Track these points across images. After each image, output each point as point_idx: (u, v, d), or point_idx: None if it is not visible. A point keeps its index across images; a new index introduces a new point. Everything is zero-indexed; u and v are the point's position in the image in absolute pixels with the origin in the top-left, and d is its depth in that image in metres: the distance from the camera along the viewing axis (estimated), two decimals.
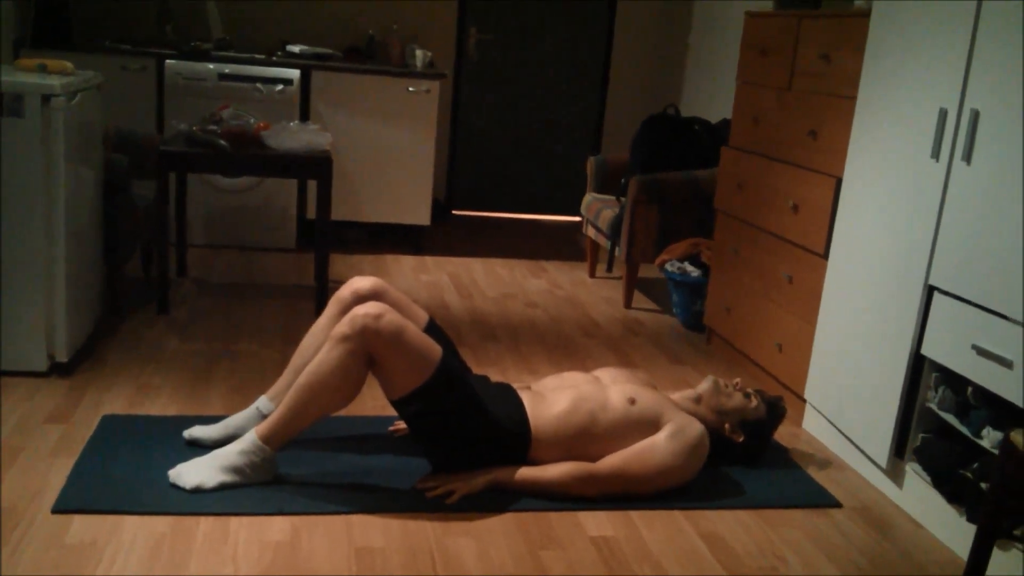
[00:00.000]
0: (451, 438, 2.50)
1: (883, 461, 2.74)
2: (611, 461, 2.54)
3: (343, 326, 2.35)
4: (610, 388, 2.68)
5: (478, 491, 2.48)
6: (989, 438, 2.41)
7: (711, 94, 5.58)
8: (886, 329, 2.75)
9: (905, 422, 2.70)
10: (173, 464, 2.48)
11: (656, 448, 2.56)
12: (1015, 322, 2.27)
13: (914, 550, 2.48)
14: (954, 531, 2.50)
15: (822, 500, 2.71)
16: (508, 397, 2.61)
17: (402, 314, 2.63)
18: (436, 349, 2.44)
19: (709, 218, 4.38)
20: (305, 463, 2.59)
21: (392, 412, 2.99)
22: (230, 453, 2.41)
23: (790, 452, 3.04)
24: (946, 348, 2.50)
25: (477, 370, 3.47)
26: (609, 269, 4.87)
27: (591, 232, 4.96)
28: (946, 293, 2.53)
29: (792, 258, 3.36)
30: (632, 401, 2.62)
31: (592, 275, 5.13)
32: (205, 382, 3.15)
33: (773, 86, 3.57)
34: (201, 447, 2.60)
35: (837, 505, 2.70)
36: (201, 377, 3.19)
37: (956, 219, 2.48)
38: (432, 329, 2.68)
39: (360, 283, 2.68)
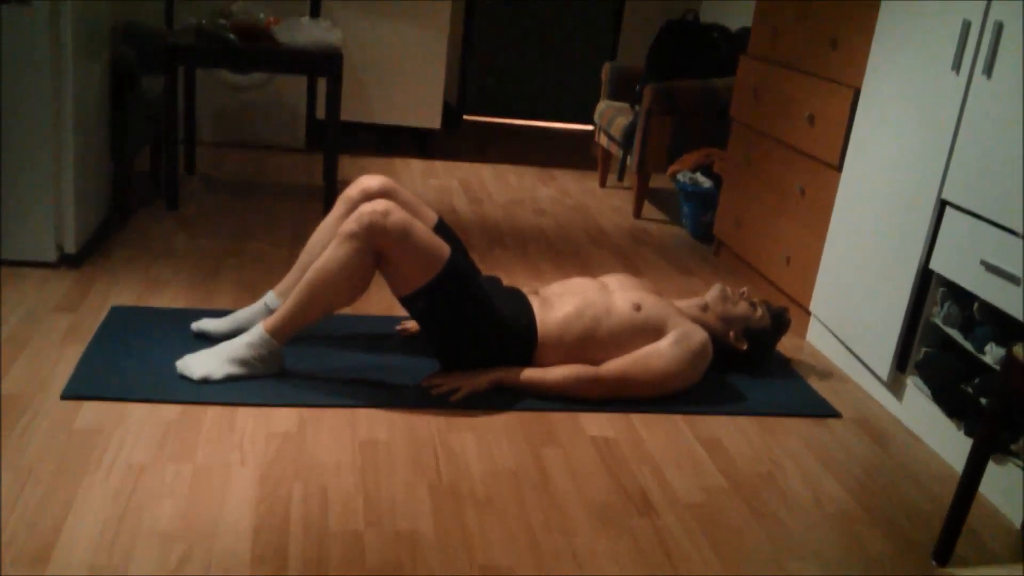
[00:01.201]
0: (458, 335, 2.51)
1: (884, 374, 2.76)
2: (614, 365, 2.56)
3: (350, 223, 2.35)
4: (616, 294, 2.68)
5: (482, 390, 2.51)
6: (992, 354, 2.41)
7: (732, 1, 5.45)
8: (895, 242, 2.74)
9: (908, 336, 2.71)
10: (181, 355, 2.51)
11: (659, 353, 2.58)
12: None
13: (911, 462, 2.52)
14: (952, 445, 2.53)
15: (822, 410, 2.74)
16: (517, 299, 2.62)
17: (411, 213, 2.62)
18: (444, 247, 2.44)
19: (724, 128, 4.33)
20: (312, 358, 2.62)
21: (399, 312, 3.01)
22: (238, 345, 2.43)
23: (793, 363, 3.05)
24: (954, 263, 2.49)
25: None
26: (620, 178, 4.83)
27: (604, 140, 4.90)
28: (958, 208, 2.50)
29: (806, 170, 3.33)
30: (637, 307, 2.63)
31: (603, 184, 5.09)
32: (213, 278, 3.17)
33: None
34: (209, 339, 2.63)
35: (836, 415, 2.72)
36: (209, 273, 3.20)
37: (973, 134, 2.43)
38: (441, 229, 2.68)
39: (368, 182, 2.67)
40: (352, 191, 2.67)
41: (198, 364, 2.42)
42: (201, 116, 4.86)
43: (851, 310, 2.95)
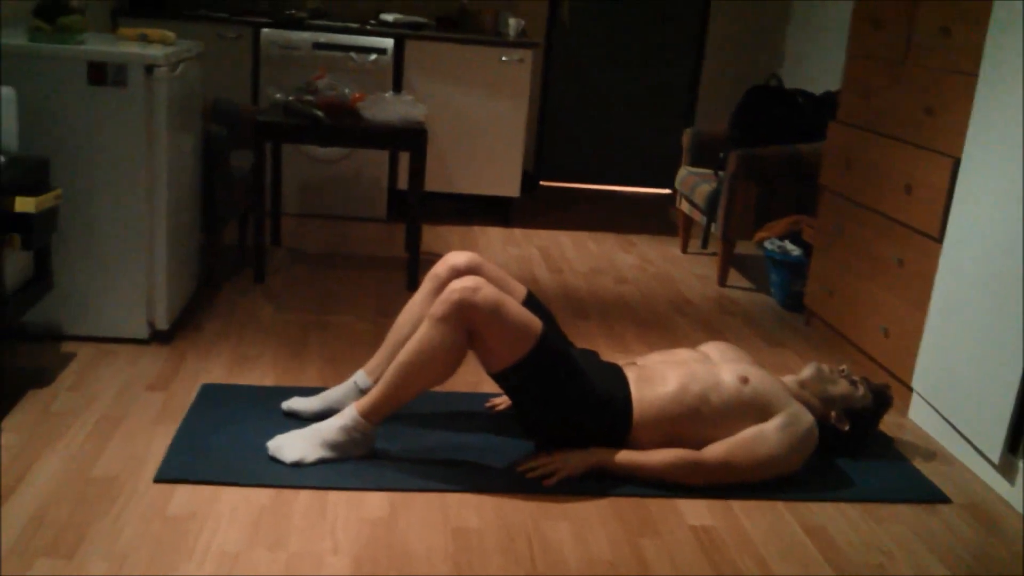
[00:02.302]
0: (551, 412, 2.46)
1: (995, 456, 2.62)
2: (717, 450, 2.47)
3: (441, 304, 2.33)
4: (721, 366, 2.60)
5: (578, 474, 2.44)
6: None
7: (813, 64, 5.39)
8: (1006, 320, 2.61)
9: (1020, 416, 2.57)
10: (271, 435, 2.49)
11: (765, 439, 2.48)
12: None
13: None
14: None
15: (930, 495, 2.60)
16: (613, 374, 2.56)
17: (499, 288, 2.59)
18: (535, 322, 2.40)
19: (810, 195, 4.23)
20: (401, 438, 2.58)
21: (488, 388, 2.97)
22: (331, 428, 2.41)
23: (895, 443, 2.92)
24: None
25: None
26: (704, 245, 4.77)
27: (685, 207, 4.85)
28: None
29: (902, 240, 3.22)
30: (745, 381, 2.54)
31: (684, 251, 5.02)
32: (300, 353, 3.17)
33: (887, 59, 3.41)
34: (299, 419, 2.61)
35: (946, 500, 2.59)
36: (296, 347, 3.21)
37: None
38: (531, 303, 2.64)
39: (456, 258, 2.65)
40: (439, 268, 2.66)
41: (290, 447, 2.40)
42: (286, 189, 4.94)
43: (957, 388, 2.82)
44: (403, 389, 2.37)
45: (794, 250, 4.12)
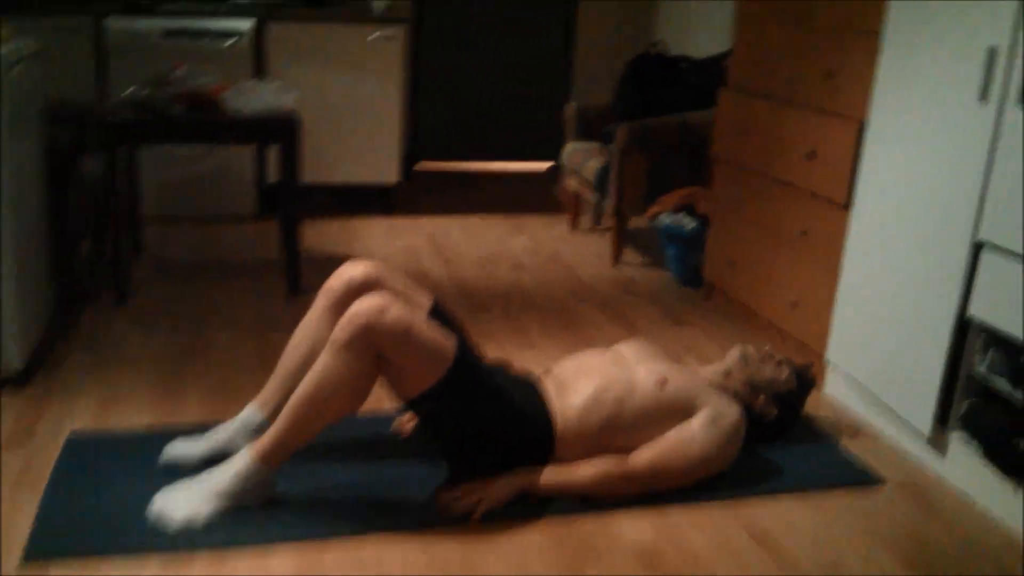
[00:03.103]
0: (470, 436, 2.25)
1: (925, 429, 2.55)
2: (646, 456, 2.31)
3: (344, 329, 2.07)
4: (637, 368, 2.44)
5: (504, 502, 2.24)
6: None
7: (698, 28, 5.28)
8: (925, 287, 2.54)
9: (948, 387, 2.50)
10: (155, 488, 2.19)
11: (694, 438, 2.33)
12: None
13: (971, 531, 2.30)
14: (1010, 506, 2.32)
15: (864, 477, 2.52)
16: (529, 389, 2.36)
17: (405, 301, 2.34)
18: (450, 341, 2.17)
19: (703, 165, 4.12)
20: (303, 477, 2.32)
21: (391, 407, 2.73)
22: (223, 477, 2.13)
23: (816, 421, 2.84)
24: (1000, 310, 2.29)
25: None
26: (597, 223, 4.62)
27: (573, 183, 4.68)
28: (1000, 249, 2.31)
29: (807, 209, 3.13)
30: (663, 383, 2.39)
31: (574, 228, 4.86)
32: (178, 384, 2.85)
33: (781, 21, 3.29)
34: (186, 465, 2.32)
35: (880, 481, 2.51)
36: (172, 378, 2.89)
37: (1011, 168, 2.24)
38: (439, 313, 2.41)
39: (353, 270, 2.39)
40: (335, 283, 2.39)
41: (178, 503, 2.11)
42: (144, 191, 4.52)
43: (878, 359, 2.74)
44: (305, 427, 2.11)
45: (690, 223, 4.00)
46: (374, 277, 2.37)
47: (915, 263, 2.58)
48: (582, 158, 4.45)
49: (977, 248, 2.37)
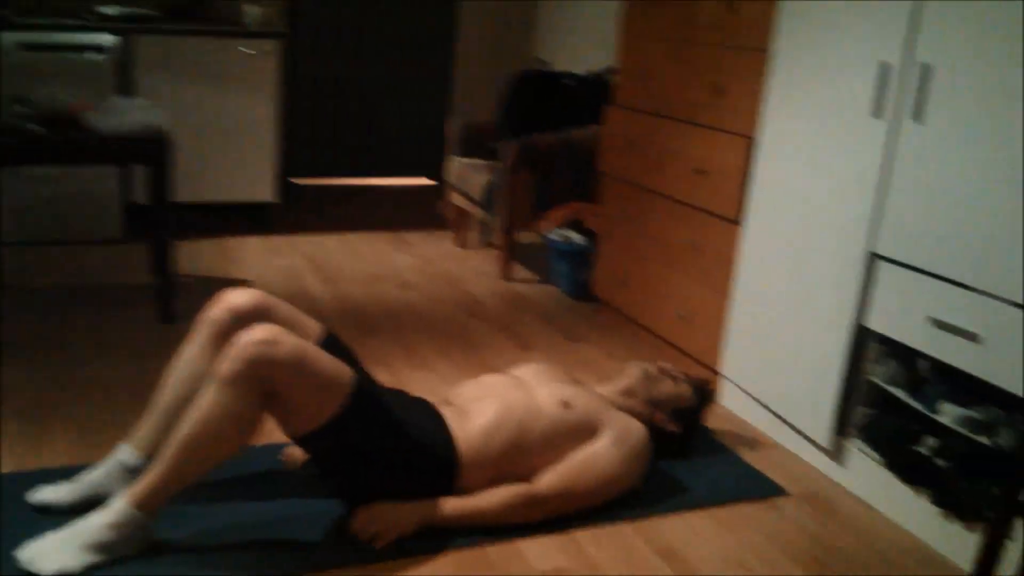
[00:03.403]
0: (370, 472, 2.12)
1: (824, 440, 2.56)
2: (553, 481, 2.23)
3: (231, 362, 1.91)
4: (538, 391, 2.37)
5: (408, 533, 2.12)
6: (949, 414, 2.25)
7: (572, 44, 5.29)
8: (820, 300, 2.56)
9: (845, 398, 2.52)
10: (20, 540, 1.98)
11: (599, 459, 2.27)
12: (979, 292, 2.10)
13: (875, 539, 2.32)
14: (910, 512, 2.35)
15: (766, 489, 2.51)
16: (428, 415, 2.25)
17: (294, 331, 2.20)
18: (345, 371, 2.05)
19: (587, 180, 4.11)
20: (186, 520, 2.14)
21: (278, 437, 2.57)
22: (96, 527, 1.94)
23: (714, 434, 2.83)
24: (896, 321, 2.32)
25: None
26: (485, 240, 4.54)
27: (459, 200, 4.59)
28: (893, 262, 2.34)
29: (697, 224, 3.13)
30: (565, 405, 2.32)
31: (461, 245, 4.78)
32: (42, 423, 2.61)
33: (667, 39, 3.29)
34: (54, 514, 2.11)
35: (783, 493, 2.50)
36: (36, 416, 2.65)
37: (905, 182, 2.28)
38: (330, 343, 2.27)
39: (237, 298, 2.23)
40: (217, 312, 2.22)
41: (47, 557, 1.91)
42: (1, 215, 4.20)
43: (773, 372, 2.75)
44: (186, 470, 1.94)
45: (578, 239, 3.97)
46: (260, 305, 2.22)
47: (809, 276, 2.60)
48: (467, 175, 4.37)
49: (871, 260, 2.40)
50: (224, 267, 4.16)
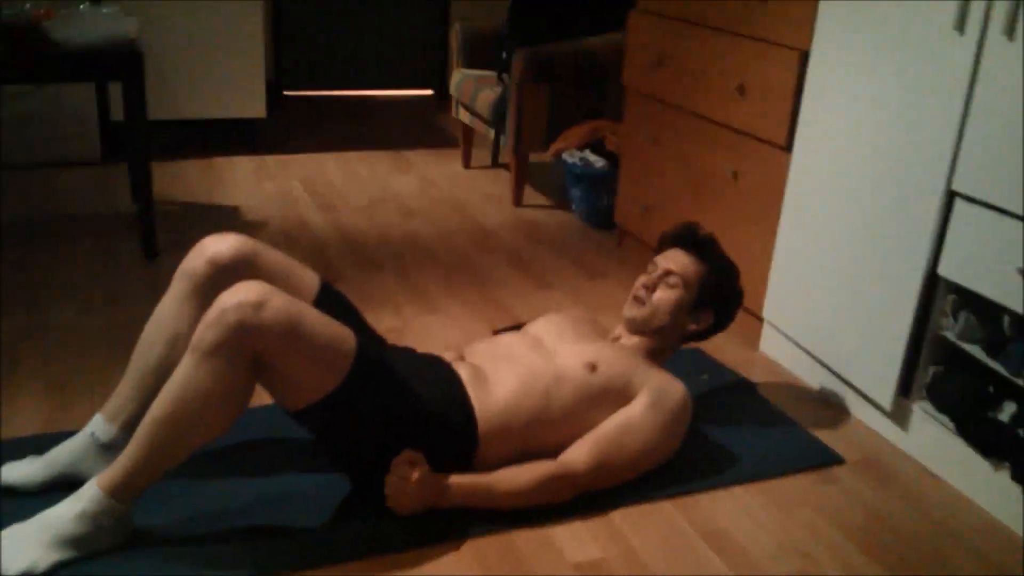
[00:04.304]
0: (378, 448, 1.84)
1: (886, 401, 2.28)
2: (585, 456, 1.95)
3: (209, 330, 1.62)
4: (560, 353, 2.07)
5: (418, 511, 1.84)
6: None
7: None
8: (884, 242, 2.25)
9: (912, 354, 2.24)
10: None
11: (636, 426, 2.00)
12: None
13: (945, 515, 2.06)
14: (984, 485, 2.08)
15: (822, 457, 2.24)
16: (444, 378, 1.96)
17: (285, 286, 1.90)
18: (347, 335, 1.75)
19: (611, 96, 3.75)
20: (169, 501, 1.88)
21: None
22: (67, 517, 1.66)
23: (759, 388, 2.55)
24: (977, 270, 2.02)
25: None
26: (494, 163, 4.20)
27: (465, 116, 4.23)
28: (976, 201, 2.02)
29: (738, 150, 2.80)
30: (592, 367, 2.03)
31: (467, 165, 4.43)
32: (9, 379, 2.33)
33: None
34: (22, 494, 1.84)
35: (839, 461, 2.24)
36: (3, 371, 2.36)
37: (993, 109, 1.94)
38: (327, 297, 1.97)
39: (217, 245, 1.91)
40: (195, 262, 1.91)
41: (13, 552, 1.64)
42: None
43: (825, 322, 2.46)
44: (165, 453, 1.67)
45: (597, 161, 3.64)
46: (245, 255, 1.90)
47: (873, 214, 2.28)
48: (474, 89, 4.00)
49: (950, 199, 2.09)
50: (211, 192, 3.83)
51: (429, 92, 5.92)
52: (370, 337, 2.02)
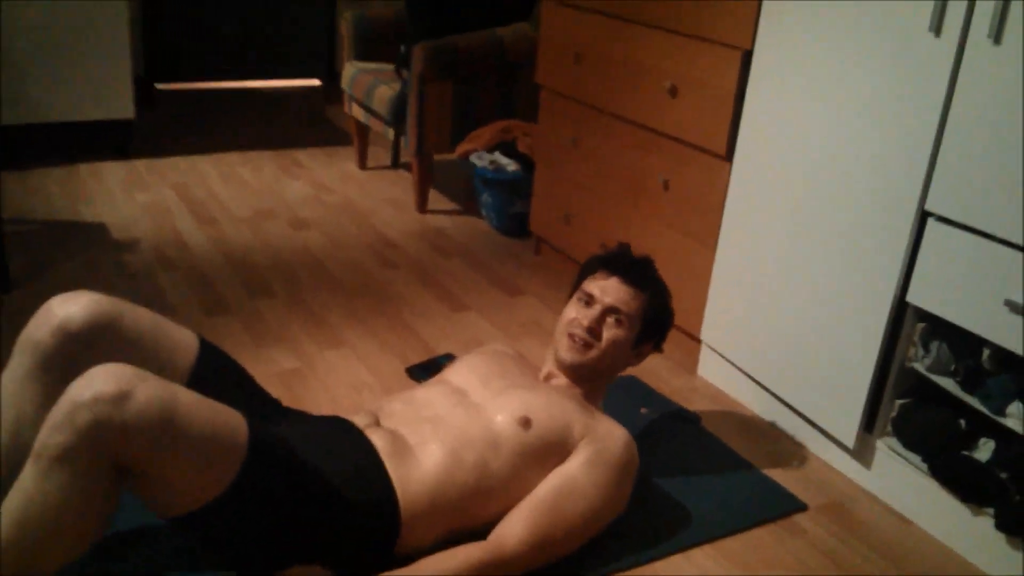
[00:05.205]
0: (279, 546, 1.51)
1: (848, 438, 2.07)
2: (521, 534, 1.66)
3: (58, 432, 1.26)
4: (489, 408, 1.78)
5: None
6: (1018, 416, 1.78)
7: None
8: (845, 266, 2.03)
9: (877, 387, 2.02)
10: None
11: (576, 488, 1.72)
12: None
13: (924, 568, 1.85)
14: (960, 530, 1.89)
15: (784, 505, 2.01)
16: (358, 454, 1.64)
17: (155, 356, 1.55)
18: (235, 423, 1.41)
19: (519, 93, 3.45)
20: None
21: None
22: None
23: (704, 420, 2.31)
24: (951, 298, 1.81)
25: (255, 364, 2.43)
26: (394, 165, 3.86)
27: (359, 113, 3.87)
28: (951, 223, 1.81)
29: (670, 157, 2.54)
30: (526, 423, 1.75)
31: (363, 166, 4.08)
32: None
33: None
34: None
35: (802, 508, 2.01)
36: None
37: (974, 119, 1.73)
38: (206, 363, 1.62)
39: (67, 309, 1.53)
40: (40, 331, 1.52)
41: None
42: None
43: (776, 348, 2.24)
44: None
45: (509, 164, 3.34)
46: (103, 319, 1.53)
47: (833, 233, 2.05)
48: (369, 84, 3.65)
49: (922, 219, 1.87)
50: (75, 206, 3.38)
51: (316, 83, 5.51)
52: (263, 407, 1.69)
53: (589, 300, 1.92)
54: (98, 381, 1.28)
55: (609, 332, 1.88)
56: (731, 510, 1.97)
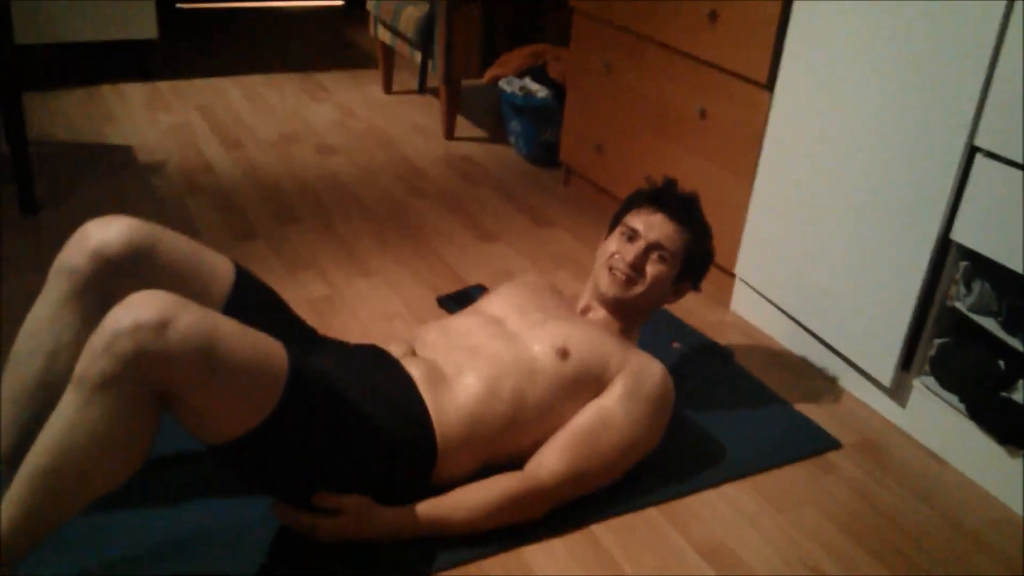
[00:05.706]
0: (318, 477, 1.52)
1: (885, 376, 2.05)
2: (556, 462, 1.66)
3: (100, 359, 1.25)
4: (526, 337, 1.76)
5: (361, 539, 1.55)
6: None
7: None
8: (888, 201, 1.98)
9: (917, 326, 1.99)
10: None
11: (611, 421, 1.71)
12: None
13: (959, 509, 1.85)
14: (996, 472, 1.88)
15: (818, 443, 2.00)
16: (395, 383, 1.64)
17: (194, 283, 1.53)
18: (275, 351, 1.40)
19: (552, 15, 3.36)
20: (64, 551, 1.53)
21: None
22: None
23: (736, 355, 2.30)
24: (996, 236, 1.77)
25: (287, 287, 2.42)
26: (421, 90, 3.79)
27: (385, 36, 3.79)
28: (1000, 159, 1.76)
29: (708, 85, 2.48)
30: (564, 353, 1.73)
31: (388, 91, 4.01)
32: None
33: None
34: None
35: (837, 446, 2.00)
36: None
37: None
38: (243, 290, 1.61)
39: (103, 233, 1.51)
40: (76, 256, 1.51)
41: None
42: None
43: (812, 285, 2.20)
44: (52, 511, 1.31)
45: (539, 90, 3.27)
46: (140, 245, 1.51)
47: (876, 167, 2.00)
48: (396, 5, 3.56)
49: (970, 155, 1.81)
50: (99, 129, 3.34)
51: (338, 2, 5.41)
52: (300, 336, 1.68)
53: (633, 235, 1.88)
54: (138, 308, 1.26)
55: (653, 268, 1.85)
56: (764, 446, 1.96)
